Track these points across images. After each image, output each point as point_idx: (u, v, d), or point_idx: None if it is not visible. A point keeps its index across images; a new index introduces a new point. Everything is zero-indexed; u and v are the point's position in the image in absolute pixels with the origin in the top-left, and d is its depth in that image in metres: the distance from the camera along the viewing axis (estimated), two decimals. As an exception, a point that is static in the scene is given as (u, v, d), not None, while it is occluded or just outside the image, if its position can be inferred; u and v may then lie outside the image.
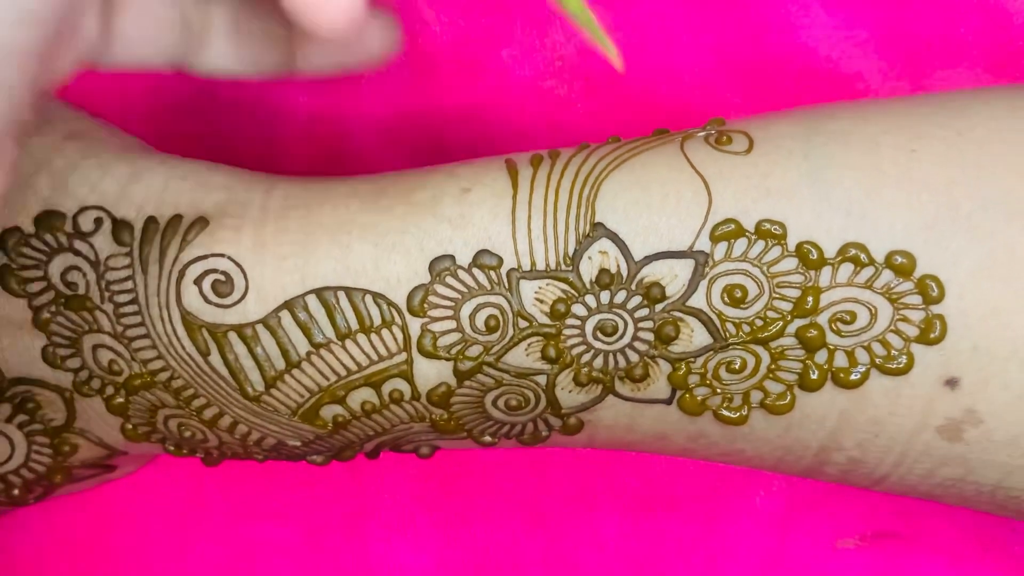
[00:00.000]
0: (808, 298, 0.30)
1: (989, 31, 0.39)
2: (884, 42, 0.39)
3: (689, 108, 0.40)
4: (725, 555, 0.41)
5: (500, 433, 0.34)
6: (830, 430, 0.32)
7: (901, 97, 0.34)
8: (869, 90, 0.39)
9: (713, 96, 0.40)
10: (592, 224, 0.31)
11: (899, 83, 0.39)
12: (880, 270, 0.30)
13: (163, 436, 0.34)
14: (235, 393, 0.32)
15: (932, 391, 0.31)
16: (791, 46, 0.39)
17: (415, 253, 0.32)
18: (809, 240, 0.30)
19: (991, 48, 0.39)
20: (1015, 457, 0.31)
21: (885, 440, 0.32)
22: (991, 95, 0.33)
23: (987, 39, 0.39)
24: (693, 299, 0.31)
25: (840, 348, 0.31)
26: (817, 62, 0.39)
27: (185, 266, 0.32)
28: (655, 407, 0.32)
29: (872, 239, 0.30)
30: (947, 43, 0.39)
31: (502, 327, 0.31)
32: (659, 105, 0.40)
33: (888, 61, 0.39)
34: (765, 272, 0.31)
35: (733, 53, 0.40)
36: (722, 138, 0.32)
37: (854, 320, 0.30)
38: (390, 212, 0.32)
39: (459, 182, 0.33)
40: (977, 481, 0.32)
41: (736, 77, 0.40)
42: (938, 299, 0.30)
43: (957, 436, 0.31)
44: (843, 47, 0.39)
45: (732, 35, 0.40)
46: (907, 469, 0.33)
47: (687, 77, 0.40)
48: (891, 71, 0.39)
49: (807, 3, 0.39)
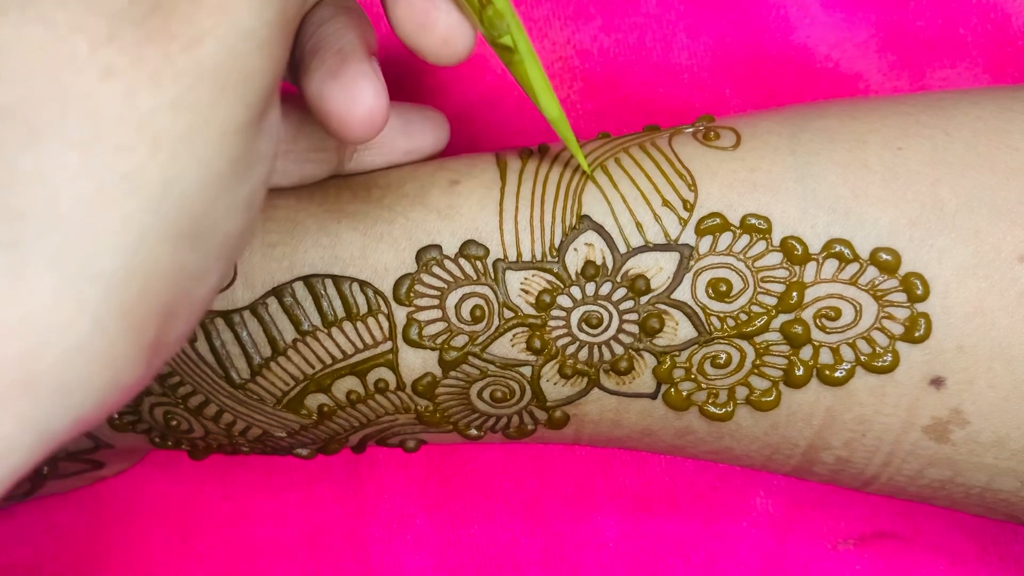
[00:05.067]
0: (793, 293, 0.30)
1: (989, 31, 0.39)
2: (884, 42, 0.39)
3: (688, 109, 0.40)
4: (725, 555, 0.40)
5: (486, 426, 0.34)
6: (817, 428, 0.32)
7: (889, 96, 0.34)
8: (869, 90, 0.39)
9: (712, 97, 0.40)
10: (578, 216, 0.31)
11: (899, 83, 0.39)
12: (865, 267, 0.30)
13: (148, 426, 0.34)
14: (221, 380, 0.32)
15: (918, 390, 0.31)
16: (791, 47, 0.39)
17: (402, 242, 0.32)
18: (794, 235, 0.30)
19: (991, 48, 0.39)
20: (1001, 459, 0.31)
21: (872, 439, 0.32)
22: (979, 95, 0.33)
23: (987, 39, 0.39)
24: (678, 292, 0.31)
25: (825, 344, 0.31)
26: (817, 62, 0.39)
27: None
28: (640, 401, 0.32)
29: (857, 235, 0.30)
30: (947, 43, 0.39)
31: (487, 317, 0.31)
32: (658, 106, 0.40)
33: (888, 61, 0.39)
34: (750, 266, 0.31)
35: (732, 54, 0.40)
36: (710, 134, 0.32)
37: (839, 317, 0.30)
38: (379, 202, 0.32)
39: (448, 174, 0.33)
40: (965, 483, 0.32)
41: (735, 78, 0.40)
42: (923, 297, 0.30)
43: (944, 437, 0.31)
44: (843, 47, 0.39)
45: (731, 36, 0.40)
46: (895, 469, 0.32)
47: (686, 78, 0.40)
48: (891, 71, 0.39)
49: (806, 3, 0.39)
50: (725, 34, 0.40)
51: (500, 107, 0.40)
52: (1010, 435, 0.31)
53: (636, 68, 0.40)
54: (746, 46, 0.40)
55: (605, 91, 0.40)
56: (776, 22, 0.39)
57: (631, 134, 0.34)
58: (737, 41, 0.40)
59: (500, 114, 0.40)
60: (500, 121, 0.40)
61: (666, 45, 0.40)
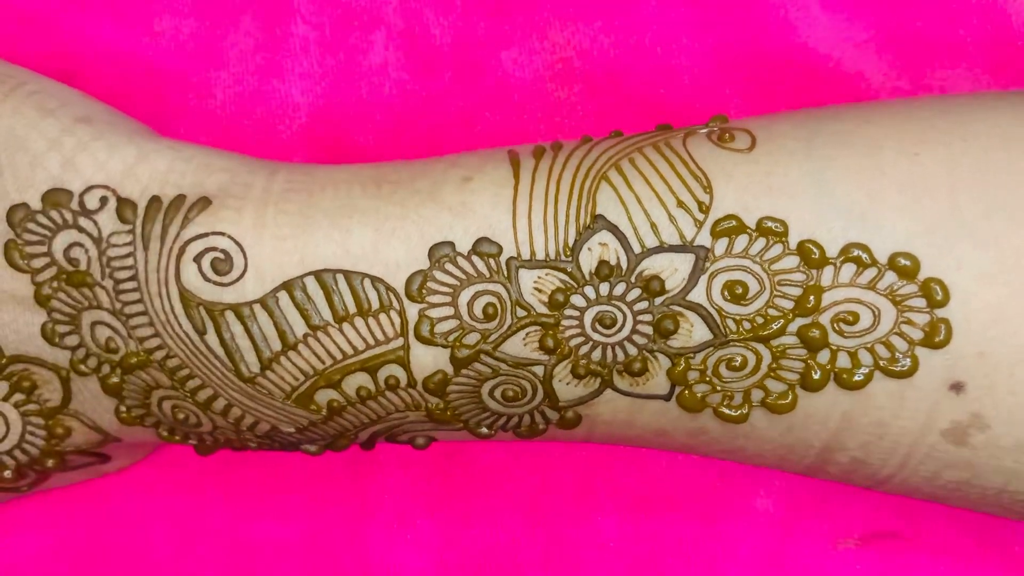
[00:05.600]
0: (810, 297, 0.30)
1: (989, 31, 0.39)
2: (884, 42, 0.39)
3: (689, 110, 0.39)
4: (725, 555, 0.40)
5: (497, 425, 0.33)
6: (833, 431, 0.32)
7: (905, 100, 0.34)
8: (870, 89, 0.39)
9: (713, 97, 0.40)
10: (592, 216, 0.31)
11: (899, 83, 0.39)
12: (883, 271, 0.30)
13: (157, 420, 0.34)
14: (230, 374, 0.32)
15: (937, 395, 0.30)
16: (791, 47, 0.39)
17: (415, 239, 0.32)
18: (811, 239, 0.30)
19: (991, 48, 0.39)
20: (1022, 462, 0.31)
21: (889, 442, 0.32)
22: (996, 101, 0.33)
23: (987, 39, 0.39)
24: (693, 294, 0.31)
25: (843, 349, 0.30)
26: (817, 62, 0.39)
27: (185, 243, 0.32)
28: (654, 403, 0.32)
29: (874, 240, 0.30)
30: (947, 43, 0.39)
31: (500, 315, 0.31)
32: (659, 107, 0.40)
33: (888, 61, 0.39)
34: (766, 269, 0.30)
35: (733, 54, 0.39)
36: (725, 135, 0.32)
37: (857, 321, 0.30)
38: (391, 198, 0.32)
39: (461, 171, 0.33)
40: (982, 485, 0.32)
41: (736, 78, 0.40)
42: (943, 303, 0.30)
43: (963, 440, 0.31)
44: (843, 47, 0.39)
45: (732, 36, 0.39)
46: (911, 471, 0.32)
47: (687, 79, 0.40)
48: (891, 71, 0.39)
49: (807, 4, 0.39)
50: (725, 35, 0.40)
51: (500, 110, 0.40)
52: None
53: (637, 69, 0.40)
54: (747, 47, 0.40)
55: (606, 92, 0.40)
56: (776, 23, 0.39)
57: (644, 133, 0.33)
58: (737, 42, 0.40)
59: (500, 117, 0.40)
60: (500, 124, 0.40)
61: (667, 46, 0.40)
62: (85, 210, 0.33)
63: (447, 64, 0.40)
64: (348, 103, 0.40)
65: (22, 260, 0.33)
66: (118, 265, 0.32)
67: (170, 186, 0.33)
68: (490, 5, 0.40)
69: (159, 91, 0.40)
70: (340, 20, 0.40)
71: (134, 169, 0.33)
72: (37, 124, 0.33)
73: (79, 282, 0.32)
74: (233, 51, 0.39)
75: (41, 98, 0.34)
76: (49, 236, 0.33)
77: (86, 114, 0.34)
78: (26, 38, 0.39)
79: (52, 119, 0.34)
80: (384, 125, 0.40)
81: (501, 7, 0.40)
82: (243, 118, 0.40)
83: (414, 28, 0.40)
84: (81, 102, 0.35)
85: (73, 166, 0.33)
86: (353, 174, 0.33)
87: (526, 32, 0.40)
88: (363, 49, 0.40)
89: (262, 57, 0.39)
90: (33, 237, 0.33)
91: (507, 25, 0.40)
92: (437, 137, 0.40)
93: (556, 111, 0.40)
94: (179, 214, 0.32)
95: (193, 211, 0.32)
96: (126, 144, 0.34)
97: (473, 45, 0.40)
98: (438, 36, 0.40)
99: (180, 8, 0.39)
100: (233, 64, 0.40)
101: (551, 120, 0.40)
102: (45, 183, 0.33)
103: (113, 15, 0.39)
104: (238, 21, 0.39)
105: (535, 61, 0.40)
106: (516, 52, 0.40)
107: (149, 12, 0.39)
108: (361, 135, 0.40)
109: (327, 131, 0.40)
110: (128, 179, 0.33)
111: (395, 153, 0.40)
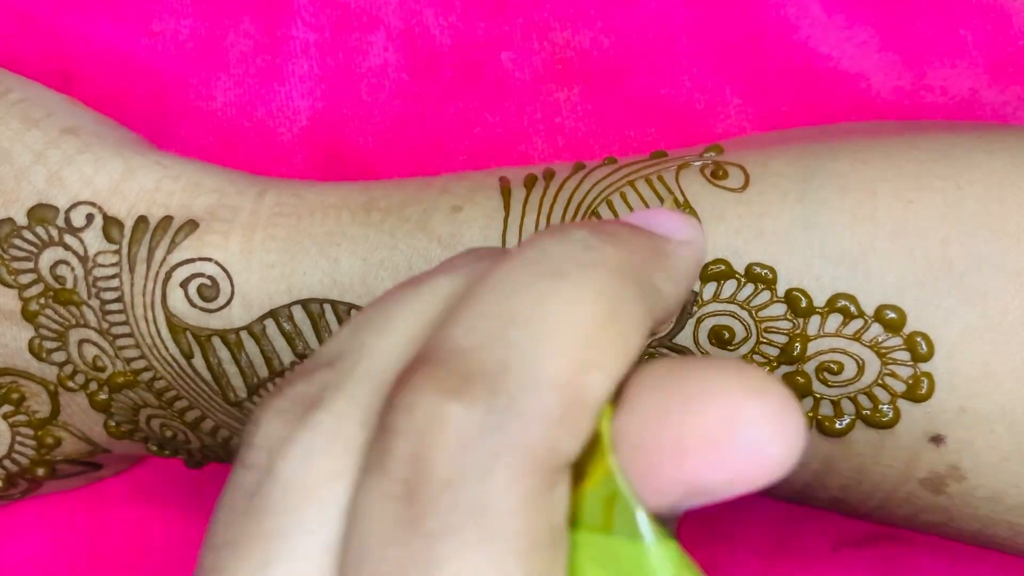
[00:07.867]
0: (796, 345, 0.30)
1: (989, 31, 0.38)
2: (884, 42, 0.38)
3: (689, 110, 0.39)
4: (725, 555, 0.41)
5: None
6: (814, 472, 0.32)
7: (905, 137, 0.33)
8: (870, 89, 0.39)
9: (713, 98, 0.39)
10: None
11: (899, 83, 0.38)
12: (869, 323, 0.30)
13: (146, 435, 0.34)
14: (217, 397, 0.32)
15: (917, 445, 0.30)
16: (791, 47, 0.39)
17: (403, 270, 0.31)
18: (799, 287, 0.30)
19: (991, 48, 0.38)
20: (997, 513, 0.31)
21: (868, 486, 0.32)
22: (994, 143, 0.32)
23: (987, 39, 0.38)
24: (680, 337, 0.30)
25: (826, 397, 0.30)
26: (817, 62, 0.39)
27: (172, 268, 0.32)
28: None
29: (862, 291, 0.30)
30: (947, 43, 0.38)
31: None
32: (659, 108, 0.39)
33: (888, 61, 0.38)
34: (753, 316, 0.30)
35: (733, 55, 0.39)
36: (718, 171, 0.32)
37: (841, 371, 0.30)
38: (380, 226, 0.32)
39: (450, 199, 0.32)
40: (959, 528, 0.32)
41: (736, 78, 0.39)
42: (927, 357, 0.30)
43: (940, 489, 0.31)
44: (843, 47, 0.39)
45: (732, 37, 0.39)
46: (889, 512, 0.32)
47: (687, 79, 0.39)
48: (891, 71, 0.38)
49: (807, 4, 0.38)
50: (726, 35, 0.39)
51: (500, 110, 0.39)
52: (1007, 492, 0.31)
53: (637, 70, 0.39)
54: (747, 47, 0.39)
55: (606, 93, 0.39)
56: (776, 23, 0.39)
57: (638, 161, 0.33)
58: (738, 42, 0.39)
59: (500, 117, 0.39)
60: (500, 124, 0.39)
61: (667, 47, 0.39)
62: (71, 227, 0.32)
63: (447, 64, 0.39)
64: (348, 104, 0.39)
65: (9, 276, 0.33)
66: (104, 286, 0.32)
67: (157, 206, 0.33)
68: (490, 5, 0.39)
69: (158, 92, 0.39)
70: (339, 21, 0.39)
71: (120, 186, 0.33)
72: (22, 136, 0.33)
73: (66, 300, 0.32)
74: (233, 52, 0.39)
75: (26, 107, 0.34)
76: (35, 252, 0.33)
77: (73, 124, 0.34)
78: (25, 38, 0.39)
79: (37, 130, 0.33)
80: (384, 126, 0.39)
81: (501, 7, 0.39)
82: (243, 120, 0.39)
83: (414, 29, 0.39)
84: (68, 111, 0.35)
85: (59, 181, 0.33)
86: (343, 198, 0.33)
87: (526, 32, 0.39)
88: (363, 50, 0.39)
89: (262, 59, 0.39)
90: (20, 253, 0.33)
91: (507, 25, 0.39)
92: (437, 138, 0.40)
93: (556, 111, 0.39)
94: (166, 236, 0.32)
95: (180, 235, 0.32)
96: (113, 157, 0.33)
97: (473, 45, 0.39)
98: (438, 37, 0.39)
99: (179, 9, 0.39)
100: (233, 66, 0.39)
101: (551, 120, 0.40)
102: (31, 198, 0.33)
103: (112, 16, 0.39)
104: (238, 22, 0.39)
105: (535, 61, 0.39)
106: (516, 52, 0.39)
107: (148, 13, 0.39)
108: (361, 136, 0.40)
109: (327, 132, 0.40)
110: (115, 196, 0.33)
111: (395, 155, 0.39)
